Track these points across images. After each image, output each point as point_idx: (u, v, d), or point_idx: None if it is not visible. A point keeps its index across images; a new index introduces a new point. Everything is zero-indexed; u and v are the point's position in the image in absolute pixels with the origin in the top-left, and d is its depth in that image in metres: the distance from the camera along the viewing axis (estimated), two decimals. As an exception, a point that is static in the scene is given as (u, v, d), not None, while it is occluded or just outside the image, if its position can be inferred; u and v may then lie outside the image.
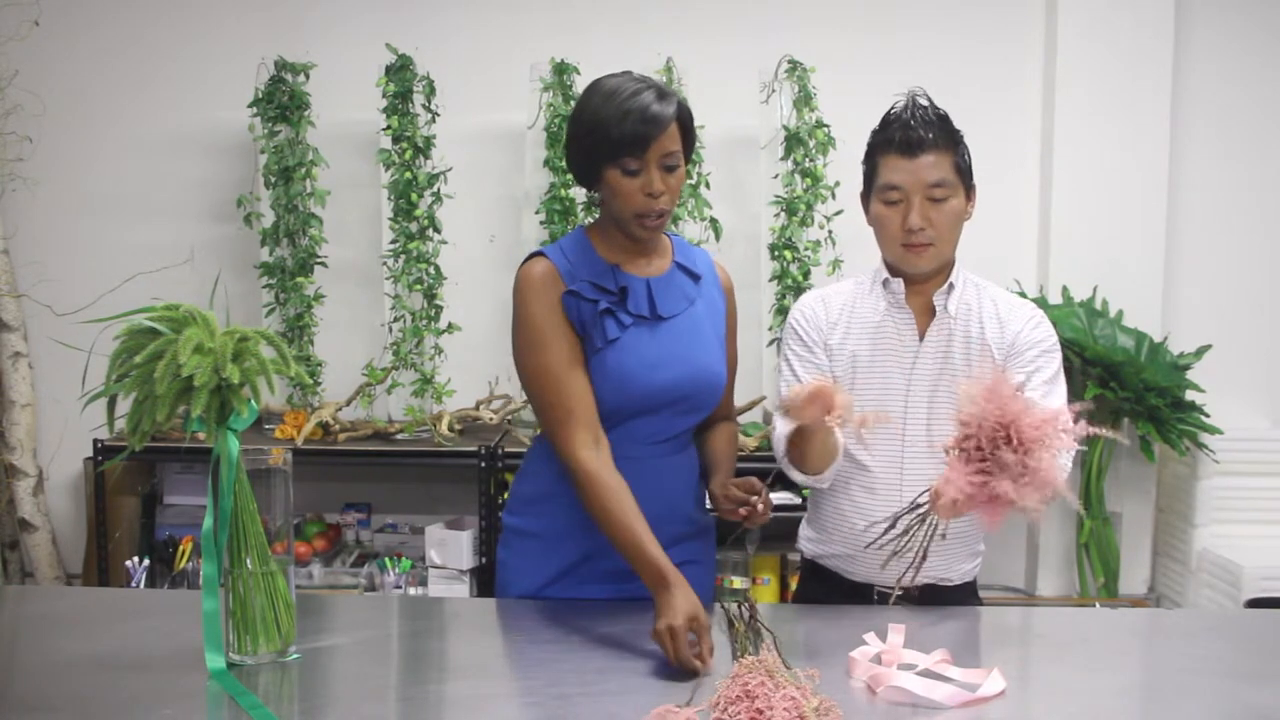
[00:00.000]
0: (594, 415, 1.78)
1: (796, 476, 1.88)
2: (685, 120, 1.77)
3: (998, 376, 1.50)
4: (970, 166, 1.90)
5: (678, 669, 1.50)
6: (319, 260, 3.46)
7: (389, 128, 3.37)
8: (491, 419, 3.53)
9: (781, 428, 1.85)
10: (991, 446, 1.47)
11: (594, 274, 1.81)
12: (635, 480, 1.77)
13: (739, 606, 1.66)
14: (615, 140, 1.71)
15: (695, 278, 1.90)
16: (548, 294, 1.79)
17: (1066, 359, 1.99)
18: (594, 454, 1.75)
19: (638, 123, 1.70)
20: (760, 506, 1.76)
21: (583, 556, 1.85)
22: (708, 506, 1.97)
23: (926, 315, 1.92)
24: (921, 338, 1.91)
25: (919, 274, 1.90)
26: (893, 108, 1.89)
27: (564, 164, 3.30)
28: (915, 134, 1.83)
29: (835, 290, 2.00)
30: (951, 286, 1.91)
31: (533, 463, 1.95)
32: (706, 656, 1.52)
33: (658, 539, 1.67)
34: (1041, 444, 1.45)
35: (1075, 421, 1.49)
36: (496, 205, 3.67)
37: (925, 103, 1.88)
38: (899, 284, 1.92)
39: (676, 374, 1.82)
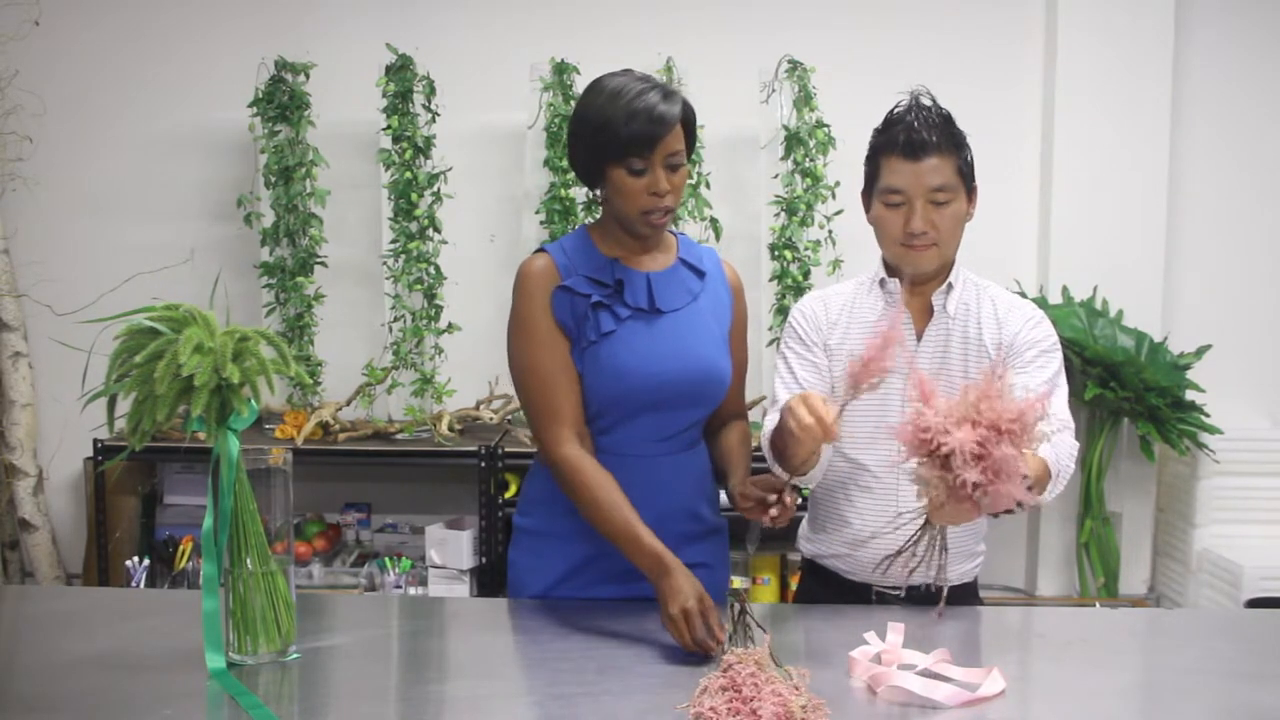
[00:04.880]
0: (579, 416, 1.80)
1: (779, 473, 1.88)
2: (689, 119, 1.78)
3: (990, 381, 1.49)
4: (972, 168, 1.88)
5: (680, 662, 1.51)
6: (319, 260, 3.47)
7: (389, 128, 3.37)
8: (491, 419, 3.53)
9: (767, 427, 1.84)
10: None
11: (592, 269, 1.82)
12: (641, 478, 1.78)
13: (732, 606, 1.66)
14: (622, 140, 1.71)
15: (700, 274, 1.90)
16: (542, 292, 1.81)
17: (1066, 359, 1.98)
18: (576, 449, 1.77)
19: (645, 123, 1.71)
20: (788, 500, 1.70)
21: (592, 556, 1.85)
22: (722, 506, 1.96)
23: (925, 316, 1.92)
24: (919, 338, 1.91)
25: (919, 274, 1.90)
26: (895, 108, 1.87)
27: (564, 164, 3.34)
28: (919, 137, 1.81)
29: (836, 291, 2.00)
30: (950, 287, 1.91)
31: (541, 463, 1.95)
32: (719, 633, 1.56)
33: (664, 539, 1.67)
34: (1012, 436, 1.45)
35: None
36: (496, 205, 3.67)
37: (929, 103, 1.85)
38: (896, 284, 1.91)
39: (676, 367, 1.81)
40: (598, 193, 1.84)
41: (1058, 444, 1.77)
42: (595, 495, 1.73)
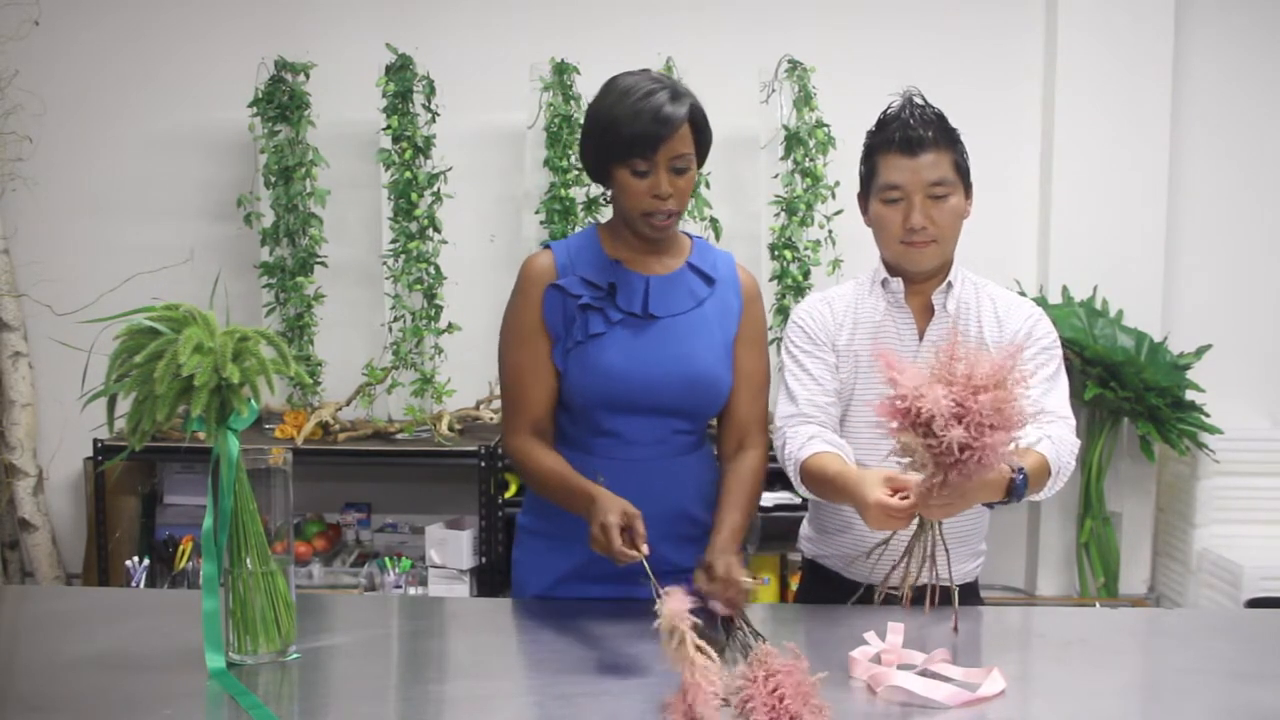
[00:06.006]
0: (542, 415, 1.84)
1: (804, 493, 1.88)
2: (698, 122, 1.76)
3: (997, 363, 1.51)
4: (968, 166, 1.89)
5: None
6: (319, 260, 3.47)
7: (389, 128, 3.37)
8: (491, 419, 3.53)
9: (794, 450, 1.82)
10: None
11: (592, 269, 1.82)
12: (636, 480, 1.77)
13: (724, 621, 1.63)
14: (625, 140, 1.71)
15: (710, 280, 1.88)
16: (535, 290, 1.82)
17: (1066, 359, 1.98)
18: (525, 439, 1.83)
19: (648, 123, 1.70)
20: (733, 596, 1.61)
21: (594, 555, 1.83)
22: None
23: (926, 315, 1.92)
24: (921, 337, 1.91)
25: (919, 272, 1.90)
26: (889, 108, 1.89)
27: (564, 164, 3.35)
28: (915, 133, 1.83)
29: (837, 293, 2.00)
30: (950, 285, 1.91)
31: None
32: (640, 542, 1.59)
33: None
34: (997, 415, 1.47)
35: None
36: (496, 205, 3.67)
37: (921, 102, 1.87)
38: (898, 283, 1.92)
39: (665, 372, 1.80)
40: (607, 193, 1.84)
41: (1058, 441, 1.78)
42: (539, 468, 1.79)
